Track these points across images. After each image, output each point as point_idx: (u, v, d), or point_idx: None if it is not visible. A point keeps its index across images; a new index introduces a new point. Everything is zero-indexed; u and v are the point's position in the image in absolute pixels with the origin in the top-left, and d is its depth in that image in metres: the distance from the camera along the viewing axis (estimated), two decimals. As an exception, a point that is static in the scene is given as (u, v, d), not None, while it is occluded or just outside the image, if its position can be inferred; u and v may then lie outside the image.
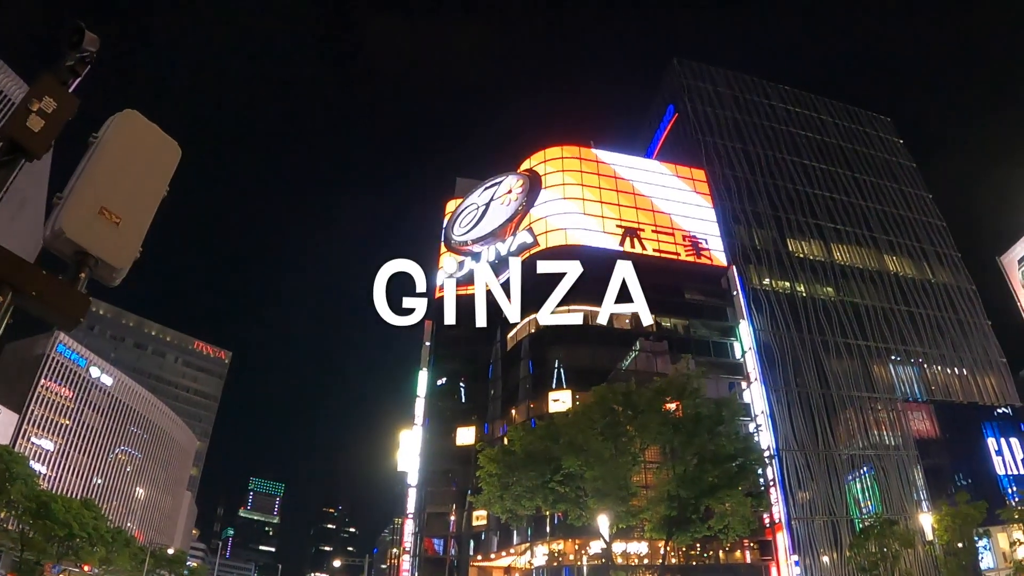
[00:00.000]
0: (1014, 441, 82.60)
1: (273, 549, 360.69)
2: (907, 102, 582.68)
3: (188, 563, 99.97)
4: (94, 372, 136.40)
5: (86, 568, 73.54)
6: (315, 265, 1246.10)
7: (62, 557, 65.71)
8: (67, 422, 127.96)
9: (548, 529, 65.37)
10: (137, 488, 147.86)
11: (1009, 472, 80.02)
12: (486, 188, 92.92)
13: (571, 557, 65.60)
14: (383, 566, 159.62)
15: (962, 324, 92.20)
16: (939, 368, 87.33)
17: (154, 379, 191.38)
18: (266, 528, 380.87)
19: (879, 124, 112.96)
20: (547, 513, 56.70)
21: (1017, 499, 69.06)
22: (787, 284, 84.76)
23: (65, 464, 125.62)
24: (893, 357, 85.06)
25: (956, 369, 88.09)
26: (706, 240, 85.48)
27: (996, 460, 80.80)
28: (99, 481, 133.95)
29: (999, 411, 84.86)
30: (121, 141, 5.16)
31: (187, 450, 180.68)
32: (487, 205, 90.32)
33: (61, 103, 5.00)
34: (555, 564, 65.38)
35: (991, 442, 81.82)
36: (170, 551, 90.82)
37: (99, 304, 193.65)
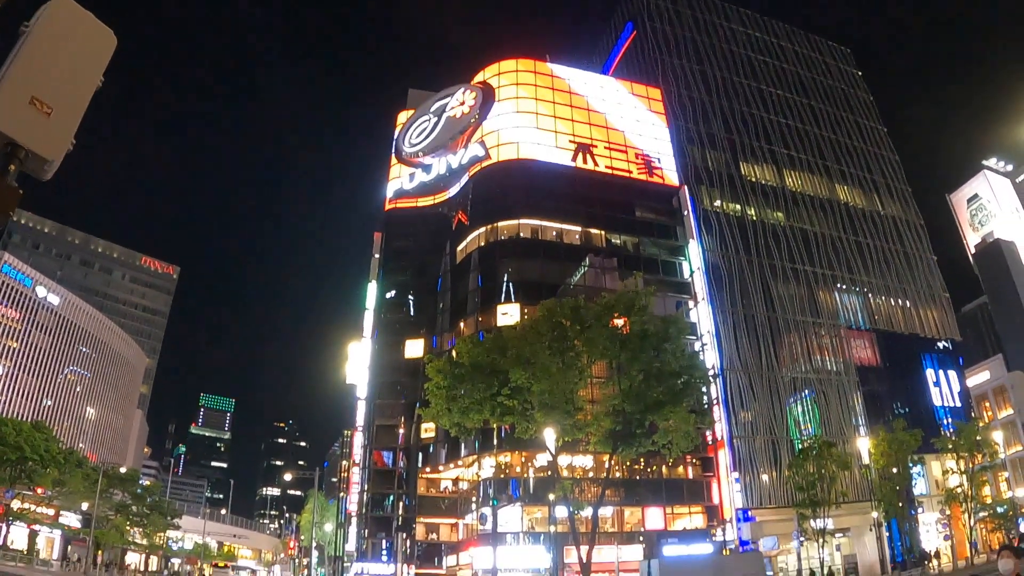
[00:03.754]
0: (952, 374, 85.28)
1: (225, 465, 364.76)
2: (869, 35, 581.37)
3: (141, 481, 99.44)
4: (40, 292, 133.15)
5: (39, 491, 73.10)
6: (264, 177, 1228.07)
7: (15, 481, 65.23)
8: (14, 344, 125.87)
9: (495, 442, 65.98)
10: (88, 408, 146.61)
11: (945, 404, 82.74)
12: (439, 100, 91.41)
13: (518, 469, 66.57)
14: (334, 479, 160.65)
15: (908, 257, 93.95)
16: (883, 298, 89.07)
17: (101, 296, 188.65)
18: (217, 444, 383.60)
19: (839, 54, 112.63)
20: (494, 426, 57.11)
21: (951, 430, 71.64)
22: (738, 207, 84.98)
23: (14, 387, 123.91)
24: (839, 285, 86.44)
25: (900, 300, 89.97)
26: (659, 159, 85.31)
27: (933, 391, 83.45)
28: (49, 403, 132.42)
29: (940, 345, 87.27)
30: (52, 29, 4.88)
31: (136, 368, 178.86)
32: (439, 117, 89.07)
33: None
34: (502, 476, 66.22)
35: (929, 373, 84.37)
36: (122, 470, 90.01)
37: (43, 222, 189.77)
